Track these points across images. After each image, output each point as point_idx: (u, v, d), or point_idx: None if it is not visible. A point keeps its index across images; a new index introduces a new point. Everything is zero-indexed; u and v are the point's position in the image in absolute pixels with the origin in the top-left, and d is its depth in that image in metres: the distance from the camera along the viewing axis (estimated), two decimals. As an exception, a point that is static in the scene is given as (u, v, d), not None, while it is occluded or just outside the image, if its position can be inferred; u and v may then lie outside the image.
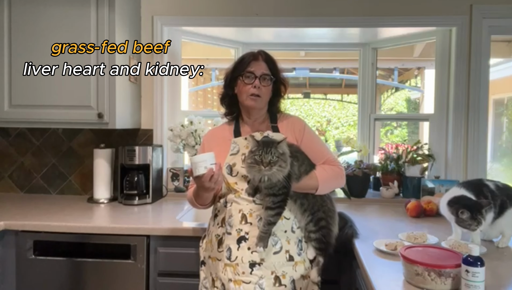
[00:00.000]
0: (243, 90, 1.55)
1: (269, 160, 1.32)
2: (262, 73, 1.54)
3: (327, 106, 11.11)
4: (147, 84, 2.56)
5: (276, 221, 1.41)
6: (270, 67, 1.57)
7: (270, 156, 1.32)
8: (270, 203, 1.39)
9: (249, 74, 1.54)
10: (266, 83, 1.55)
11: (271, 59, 1.60)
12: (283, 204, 1.40)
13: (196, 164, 1.39)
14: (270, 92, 1.59)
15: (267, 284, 1.43)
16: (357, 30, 2.60)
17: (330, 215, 1.54)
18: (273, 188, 1.38)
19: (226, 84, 1.63)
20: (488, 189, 1.55)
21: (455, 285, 1.12)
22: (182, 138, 2.47)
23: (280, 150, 1.35)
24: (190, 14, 2.54)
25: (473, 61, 2.45)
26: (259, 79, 1.53)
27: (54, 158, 2.60)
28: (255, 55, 1.58)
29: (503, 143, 5.33)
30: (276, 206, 1.40)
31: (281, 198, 1.40)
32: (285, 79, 1.64)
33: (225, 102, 1.66)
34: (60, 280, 1.88)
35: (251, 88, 1.53)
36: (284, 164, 1.34)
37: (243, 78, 1.55)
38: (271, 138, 1.39)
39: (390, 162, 2.52)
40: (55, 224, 1.88)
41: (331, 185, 1.58)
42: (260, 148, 1.34)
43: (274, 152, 1.33)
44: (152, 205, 2.32)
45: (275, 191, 1.39)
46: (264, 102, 1.58)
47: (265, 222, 1.40)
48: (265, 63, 1.57)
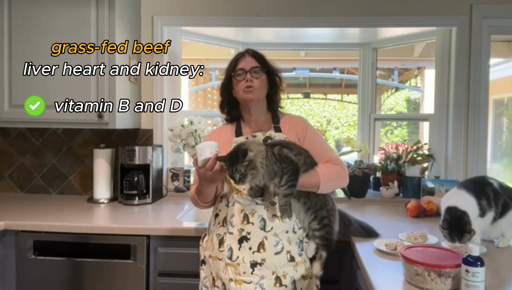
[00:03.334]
0: (238, 87, 1.58)
1: (238, 177, 1.35)
2: (251, 67, 1.57)
3: (327, 106, 11.10)
4: (147, 84, 2.56)
5: (292, 192, 1.41)
6: (259, 60, 1.61)
7: (237, 173, 1.35)
8: (283, 181, 1.39)
9: (240, 71, 1.58)
10: (257, 75, 1.57)
11: (258, 54, 1.64)
12: (294, 177, 1.40)
13: (202, 150, 1.41)
14: (266, 85, 1.60)
15: (267, 284, 1.43)
16: (357, 30, 2.60)
17: (332, 213, 1.55)
18: (276, 176, 1.39)
19: (223, 90, 1.65)
20: (491, 188, 1.52)
21: (455, 285, 1.12)
22: (182, 138, 2.47)
23: (245, 163, 1.34)
24: (190, 14, 2.54)
25: (473, 61, 2.45)
26: (250, 73, 1.56)
27: (54, 158, 2.60)
28: (242, 53, 1.63)
29: (503, 143, 5.33)
30: (287, 181, 1.39)
31: (290, 173, 1.39)
32: (277, 70, 1.66)
33: (224, 108, 1.68)
34: (60, 280, 1.88)
35: (244, 82, 1.56)
36: (254, 170, 1.35)
37: (235, 76, 1.58)
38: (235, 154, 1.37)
39: (390, 162, 2.52)
40: (55, 224, 1.88)
41: (333, 184, 1.57)
42: (228, 166, 1.36)
43: (239, 169, 1.34)
44: (152, 205, 2.32)
45: (280, 175, 1.38)
46: (260, 93, 1.59)
47: (281, 196, 1.41)
48: (253, 58, 1.61)
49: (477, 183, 1.55)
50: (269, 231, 1.45)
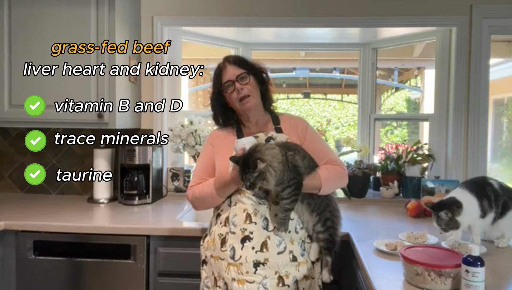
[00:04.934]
0: (231, 100, 1.58)
1: (248, 185, 1.37)
2: (237, 76, 1.56)
3: (327, 106, 11.10)
4: (147, 84, 2.56)
5: (293, 207, 1.43)
6: (241, 66, 1.59)
7: (247, 181, 1.36)
8: (286, 194, 1.41)
9: (227, 83, 1.57)
10: (245, 81, 1.56)
11: (238, 58, 1.63)
12: (297, 192, 1.42)
13: (244, 145, 1.45)
14: (257, 86, 1.60)
15: (270, 284, 1.43)
16: (357, 30, 2.60)
17: (336, 214, 1.56)
18: (282, 183, 1.39)
19: (214, 104, 1.65)
20: (492, 188, 1.52)
21: (455, 285, 1.12)
22: (182, 138, 2.47)
23: (255, 174, 1.35)
24: (190, 14, 2.54)
25: (473, 61, 2.45)
26: (237, 81, 1.55)
27: (54, 158, 2.60)
28: (223, 64, 1.61)
29: (503, 143, 5.33)
30: (290, 195, 1.41)
31: (294, 187, 1.40)
32: (261, 68, 1.65)
33: (219, 121, 1.68)
34: (60, 280, 1.88)
35: (235, 93, 1.55)
36: (264, 181, 1.36)
37: (225, 90, 1.58)
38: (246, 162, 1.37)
39: (390, 162, 2.52)
40: (55, 224, 1.88)
41: (334, 185, 1.58)
42: (239, 171, 1.39)
43: (249, 178, 1.36)
44: (152, 205, 2.32)
45: (286, 184, 1.40)
46: (256, 98, 1.59)
47: (282, 209, 1.42)
48: (235, 65, 1.59)
49: (478, 184, 1.55)
50: (271, 231, 1.46)
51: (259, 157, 1.35)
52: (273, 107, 1.70)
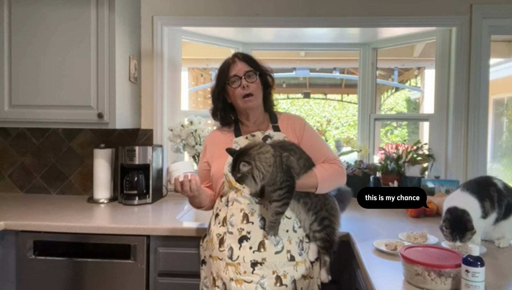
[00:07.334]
0: (234, 94, 1.58)
1: (237, 178, 1.40)
2: (245, 72, 1.57)
3: (327, 106, 11.11)
4: (147, 84, 2.56)
5: (284, 210, 1.43)
6: (250, 64, 1.60)
7: (235, 176, 1.40)
8: (276, 196, 1.41)
9: (234, 78, 1.57)
10: (252, 79, 1.57)
11: (248, 56, 1.64)
12: (289, 195, 1.42)
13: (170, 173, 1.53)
14: (261, 87, 1.61)
15: (268, 284, 1.43)
16: (357, 30, 2.60)
17: (333, 213, 1.55)
18: (274, 184, 1.40)
19: (215, 98, 1.65)
20: (496, 189, 1.50)
21: (455, 285, 1.12)
22: (182, 138, 2.46)
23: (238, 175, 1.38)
24: (190, 14, 2.54)
25: (473, 61, 2.45)
26: (244, 78, 1.56)
27: (54, 158, 2.60)
28: (232, 59, 1.62)
29: (503, 143, 5.33)
30: (281, 198, 1.41)
31: (285, 190, 1.41)
32: (268, 70, 1.66)
33: (217, 116, 1.68)
34: (60, 280, 1.88)
35: (240, 89, 1.55)
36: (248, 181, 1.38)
37: (230, 84, 1.57)
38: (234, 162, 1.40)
39: (390, 162, 2.52)
40: (55, 224, 1.88)
41: (332, 184, 1.57)
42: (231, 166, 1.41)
43: (235, 175, 1.39)
44: (152, 205, 2.32)
45: (277, 186, 1.40)
46: (258, 99, 1.60)
47: (273, 213, 1.42)
48: (244, 62, 1.60)
49: (481, 184, 1.53)
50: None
51: (245, 160, 1.36)
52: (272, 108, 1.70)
